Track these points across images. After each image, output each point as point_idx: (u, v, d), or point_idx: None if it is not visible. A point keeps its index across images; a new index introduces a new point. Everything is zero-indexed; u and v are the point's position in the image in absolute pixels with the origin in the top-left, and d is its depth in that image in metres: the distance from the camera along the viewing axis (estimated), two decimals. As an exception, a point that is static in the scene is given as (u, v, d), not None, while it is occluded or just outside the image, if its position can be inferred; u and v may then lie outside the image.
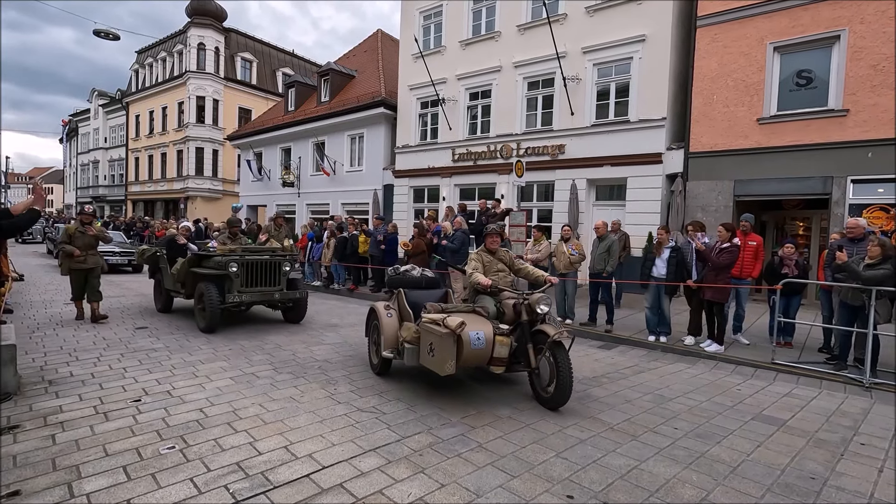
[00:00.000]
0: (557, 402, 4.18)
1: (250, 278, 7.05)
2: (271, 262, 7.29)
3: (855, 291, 5.36)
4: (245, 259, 7.02)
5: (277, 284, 7.33)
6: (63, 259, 7.18)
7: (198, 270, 7.14)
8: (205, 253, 7.38)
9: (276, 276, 7.30)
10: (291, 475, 3.01)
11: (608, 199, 12.74)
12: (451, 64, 15.22)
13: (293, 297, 7.48)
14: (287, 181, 20.84)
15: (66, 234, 7.24)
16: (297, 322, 7.79)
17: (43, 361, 5.29)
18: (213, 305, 6.63)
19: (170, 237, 8.95)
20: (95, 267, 7.38)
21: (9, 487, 2.76)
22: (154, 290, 8.80)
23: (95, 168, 38.98)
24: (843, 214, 9.42)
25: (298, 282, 7.78)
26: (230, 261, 6.86)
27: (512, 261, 5.09)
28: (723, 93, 10.78)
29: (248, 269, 7.03)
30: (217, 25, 29.38)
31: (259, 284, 7.15)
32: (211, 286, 6.77)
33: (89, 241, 7.30)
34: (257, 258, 7.16)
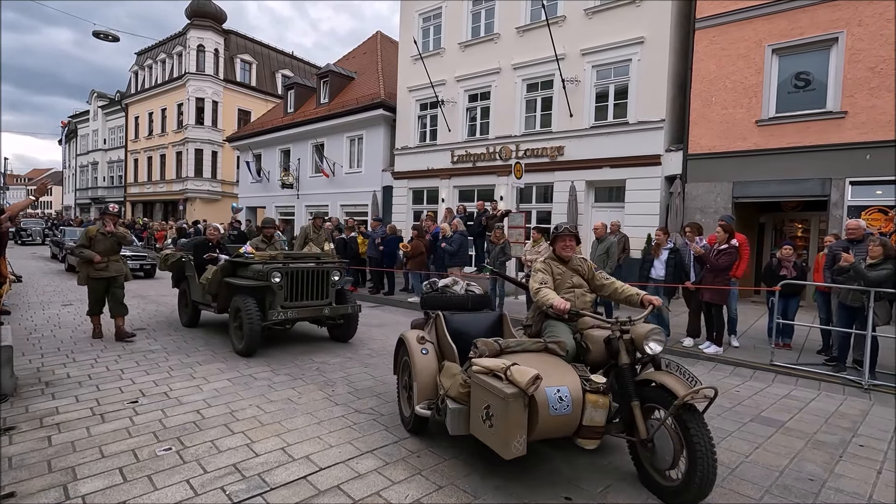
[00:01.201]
0: (692, 499, 2.68)
1: (295, 290, 5.96)
2: (318, 270, 6.19)
3: (855, 293, 5.36)
4: (289, 268, 5.92)
5: (326, 297, 6.22)
6: (81, 266, 6.26)
7: (233, 281, 6.00)
8: (241, 260, 6.31)
9: (324, 287, 6.20)
10: (288, 477, 3.00)
11: (607, 200, 12.75)
12: (451, 66, 15.23)
13: (344, 312, 6.31)
14: (286, 183, 20.83)
15: (86, 236, 6.28)
16: (345, 341, 6.68)
17: (40, 363, 5.27)
18: (252, 324, 5.49)
19: (198, 241, 7.76)
20: (118, 275, 6.37)
21: (4, 489, 2.74)
22: (179, 301, 7.75)
23: (94, 169, 38.95)
24: (841, 216, 9.43)
25: (348, 293, 6.65)
26: (272, 270, 5.74)
27: (592, 273, 3.75)
28: (721, 95, 10.80)
29: (291, 279, 5.92)
30: (216, 27, 29.41)
31: (305, 297, 6.04)
32: (249, 300, 5.65)
33: (111, 245, 6.33)
34: (302, 266, 6.07)
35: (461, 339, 3.57)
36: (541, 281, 3.52)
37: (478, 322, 3.84)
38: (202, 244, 7.28)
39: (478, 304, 4.17)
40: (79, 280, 6.30)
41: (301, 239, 9.46)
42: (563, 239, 3.69)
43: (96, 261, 6.15)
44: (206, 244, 7.23)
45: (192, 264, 7.11)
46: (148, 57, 33.57)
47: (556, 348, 3.06)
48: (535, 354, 3.02)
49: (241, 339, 5.75)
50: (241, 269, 6.25)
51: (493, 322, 3.91)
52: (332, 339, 6.80)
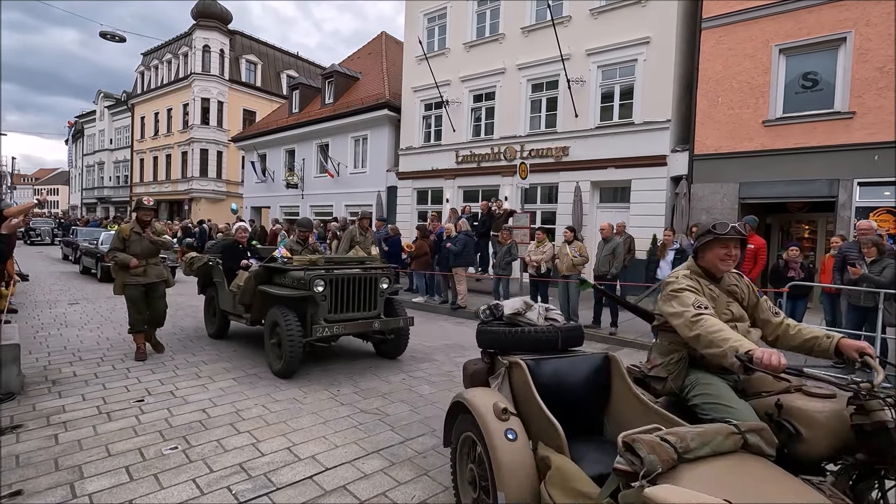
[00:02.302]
0: None
1: (340, 301, 5.19)
2: (366, 277, 5.38)
3: (867, 293, 5.37)
4: (333, 275, 5.16)
5: (374, 307, 5.42)
6: (117, 272, 5.36)
7: (269, 290, 5.23)
8: (278, 266, 5.51)
9: (372, 296, 5.42)
10: (294, 476, 3.00)
11: (612, 201, 12.70)
12: (455, 66, 15.22)
13: (395, 325, 5.50)
14: (291, 183, 20.87)
15: (119, 237, 5.36)
16: (393, 357, 5.87)
17: (46, 361, 5.30)
18: (293, 341, 4.75)
19: (227, 242, 6.98)
20: (159, 281, 5.51)
21: (11, 487, 2.75)
22: (205, 310, 6.99)
23: (101, 169, 39.18)
24: (849, 217, 9.36)
25: (398, 303, 5.88)
26: (315, 277, 4.98)
27: (756, 298, 2.45)
28: (728, 95, 10.74)
29: (335, 287, 5.15)
30: (222, 28, 29.51)
31: (351, 309, 5.26)
32: (289, 313, 4.93)
33: (149, 247, 5.45)
34: (348, 273, 5.28)
35: (557, 401, 2.29)
36: (698, 304, 2.15)
37: (576, 371, 2.54)
38: (232, 246, 6.51)
39: (570, 340, 2.81)
40: (115, 289, 5.39)
41: (346, 242, 8.36)
42: (723, 245, 2.29)
43: (132, 265, 5.24)
44: (236, 246, 6.47)
45: (221, 269, 6.36)
46: (154, 57, 33.74)
47: (760, 444, 1.63)
48: (732, 460, 1.54)
49: (279, 358, 4.96)
50: (278, 276, 5.45)
51: (598, 370, 2.55)
52: (379, 356, 5.99)
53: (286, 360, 4.83)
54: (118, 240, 5.37)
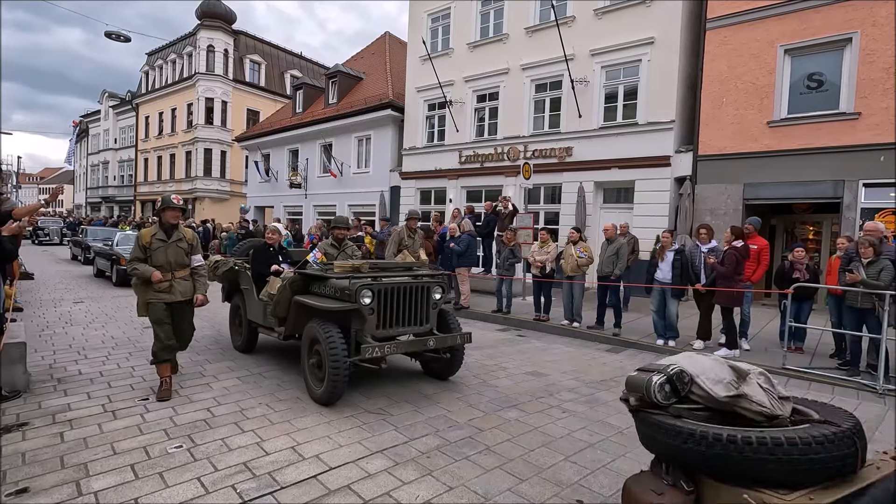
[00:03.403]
0: None
1: (389, 314, 4.42)
2: (417, 287, 4.61)
3: (865, 294, 5.35)
4: (382, 284, 4.38)
5: (426, 321, 4.69)
6: (138, 288, 4.35)
7: (308, 302, 4.44)
8: (316, 273, 4.73)
9: (424, 308, 4.67)
10: (299, 476, 3.00)
11: (616, 201, 12.68)
12: (459, 66, 15.22)
13: (453, 343, 4.72)
14: (294, 182, 20.91)
15: (139, 245, 4.30)
16: (445, 378, 5.10)
17: (52, 360, 5.33)
18: (338, 361, 3.97)
19: (255, 244, 6.24)
20: (186, 299, 4.45)
21: (17, 485, 2.77)
22: (231, 319, 6.30)
23: (105, 169, 39.37)
24: (854, 219, 9.31)
25: (451, 315, 5.09)
26: (362, 287, 4.21)
27: None
28: (732, 95, 10.71)
29: (383, 299, 4.37)
30: (226, 28, 29.60)
31: (401, 323, 4.52)
32: (331, 328, 4.15)
33: (177, 254, 4.38)
34: (397, 282, 4.51)
35: None
36: None
37: None
38: (262, 250, 5.72)
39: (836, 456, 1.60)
40: (138, 309, 4.38)
41: (394, 245, 7.30)
42: None
43: (156, 279, 4.21)
44: (267, 249, 5.72)
45: (250, 275, 5.65)
46: (158, 57, 33.86)
47: None
48: None
49: (319, 381, 4.24)
50: (317, 285, 4.68)
51: None
52: (428, 375, 5.22)
53: (329, 383, 4.02)
54: (138, 248, 4.30)
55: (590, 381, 5.32)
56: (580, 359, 6.25)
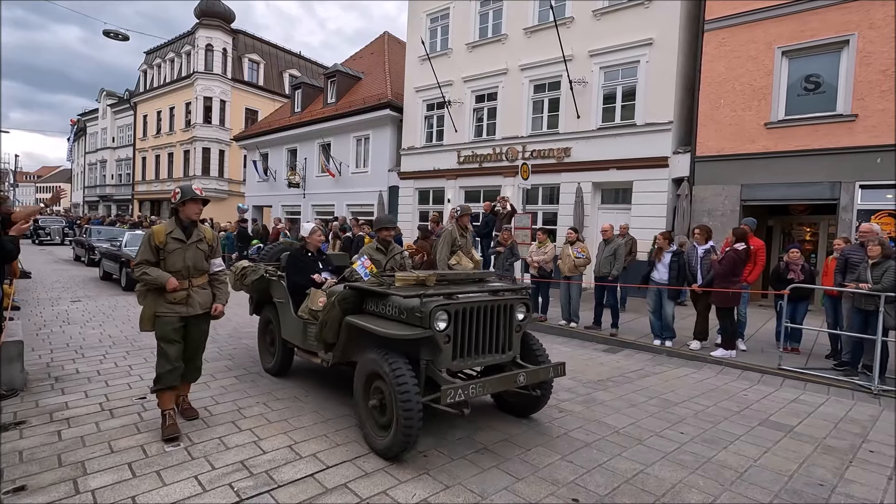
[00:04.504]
0: None
1: (467, 341, 3.49)
2: (499, 306, 3.65)
3: (868, 296, 5.35)
4: (461, 304, 3.42)
5: (509, 348, 3.74)
6: (144, 297, 3.59)
7: (364, 326, 3.54)
8: (373, 288, 3.73)
9: (507, 332, 3.72)
10: (296, 474, 3.01)
11: (614, 202, 12.71)
12: (458, 66, 15.24)
13: (545, 377, 3.74)
14: (293, 182, 20.91)
15: (149, 244, 3.54)
16: (527, 416, 4.15)
17: (49, 358, 5.32)
18: (410, 407, 3.07)
19: (290, 248, 5.36)
20: (204, 313, 3.73)
21: (14, 483, 2.77)
22: (260, 335, 5.32)
23: (103, 167, 39.29)
24: (850, 220, 9.35)
25: (534, 339, 4.15)
26: (438, 308, 3.29)
27: None
28: (730, 97, 10.74)
29: (459, 322, 3.42)
30: (225, 27, 29.57)
31: (480, 351, 3.58)
32: (398, 360, 3.25)
33: (197, 261, 3.67)
34: (476, 300, 3.54)
35: None
36: None
37: None
38: (299, 256, 4.83)
39: None
40: (141, 322, 3.60)
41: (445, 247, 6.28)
42: None
43: (171, 287, 3.49)
44: (305, 255, 4.85)
45: (284, 286, 4.76)
46: (157, 56, 33.81)
47: None
48: None
49: (383, 430, 3.32)
50: (374, 303, 3.75)
51: None
52: (504, 411, 4.26)
53: (400, 432, 3.08)
54: (149, 249, 3.52)
55: (587, 381, 5.34)
56: (577, 359, 6.26)
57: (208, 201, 3.87)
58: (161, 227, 3.62)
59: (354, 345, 3.84)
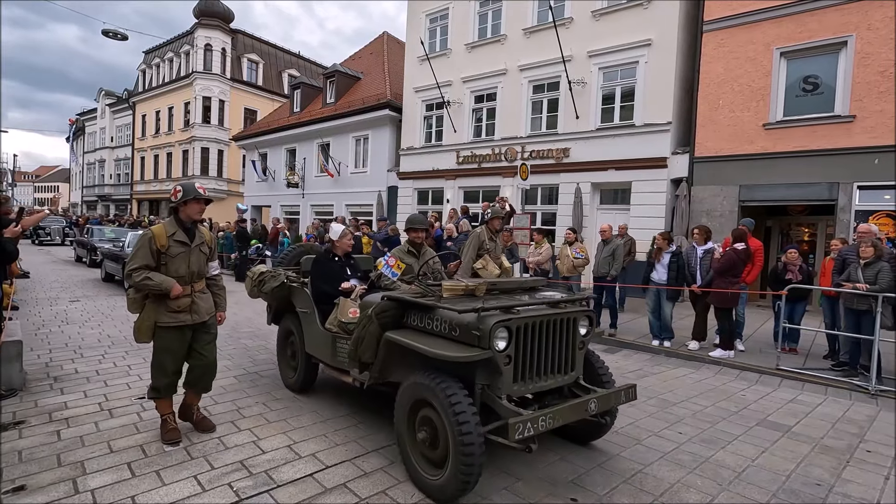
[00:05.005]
0: None
1: (529, 361, 2.99)
2: (563, 320, 3.16)
3: (861, 296, 5.38)
4: (522, 319, 2.92)
5: (571, 368, 3.26)
6: (144, 306, 3.34)
7: (406, 342, 3.04)
8: (418, 300, 3.20)
9: (571, 351, 3.24)
10: (295, 474, 3.02)
11: (613, 202, 12.73)
12: (457, 67, 15.25)
13: (617, 403, 3.26)
14: (292, 182, 20.91)
15: (152, 247, 3.26)
16: (586, 443, 3.65)
17: (48, 358, 5.32)
18: (472, 442, 2.62)
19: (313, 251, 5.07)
20: (208, 319, 3.52)
21: (14, 482, 2.77)
22: (279, 349, 4.88)
23: (101, 167, 39.25)
24: (849, 221, 9.38)
25: (596, 357, 3.64)
26: (498, 324, 2.79)
27: None
28: (729, 98, 10.77)
29: (521, 339, 2.92)
30: (224, 27, 29.56)
31: (546, 373, 3.10)
32: (452, 385, 2.77)
33: (200, 265, 3.48)
34: (537, 314, 3.02)
35: None
36: None
37: None
38: (325, 261, 4.39)
39: None
40: (137, 332, 3.34)
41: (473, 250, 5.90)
42: None
43: (175, 294, 3.28)
44: (332, 260, 4.42)
45: (308, 293, 4.31)
46: (156, 55, 33.79)
47: None
48: None
49: (436, 468, 2.87)
50: (419, 316, 3.21)
51: None
52: (560, 437, 3.70)
53: (459, 470, 2.63)
54: (148, 252, 3.23)
55: (585, 381, 5.34)
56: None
57: (211, 201, 3.63)
58: (161, 229, 3.32)
59: (395, 364, 3.33)
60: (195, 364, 3.49)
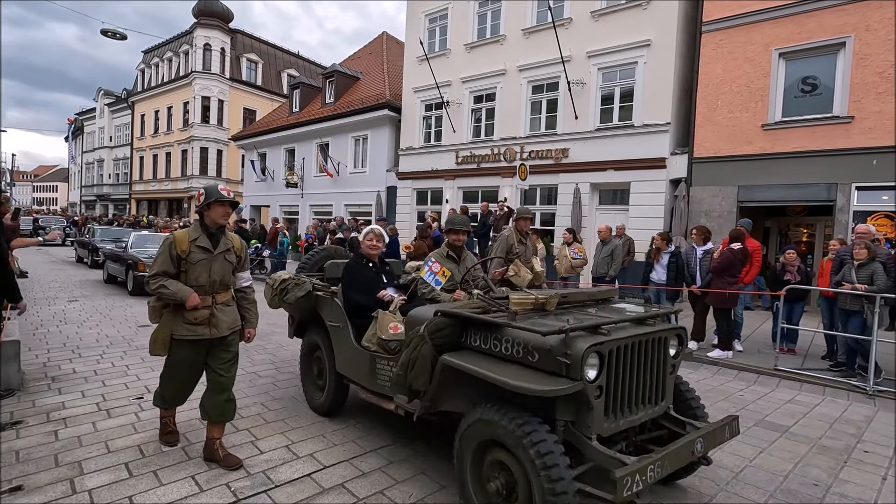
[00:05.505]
0: None
1: (620, 391, 2.48)
2: (654, 340, 2.68)
3: (854, 297, 5.41)
4: (611, 341, 2.39)
5: (662, 396, 2.78)
6: (162, 315, 3.09)
7: (475, 370, 2.46)
8: (484, 318, 2.62)
9: (661, 376, 2.76)
10: (293, 474, 3.01)
11: (611, 203, 12.74)
12: (456, 67, 15.26)
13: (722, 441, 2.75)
14: (291, 182, 20.91)
15: (171, 252, 3.01)
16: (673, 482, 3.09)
17: (46, 358, 5.31)
18: (561, 485, 2.11)
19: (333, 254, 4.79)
20: (230, 334, 3.21)
21: (11, 482, 2.77)
22: (303, 367, 4.30)
23: (100, 167, 39.22)
24: (847, 221, 9.40)
25: (685, 384, 3.11)
26: (590, 349, 2.26)
27: None
28: (727, 98, 10.78)
29: (612, 365, 2.41)
30: (223, 26, 29.56)
31: (638, 403, 2.62)
32: (537, 427, 2.24)
33: (224, 274, 3.16)
34: (630, 334, 2.52)
35: None
36: None
37: None
38: (358, 267, 3.84)
39: None
40: (153, 345, 3.09)
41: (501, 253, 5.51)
42: None
43: (191, 305, 2.99)
44: (365, 265, 3.86)
45: (340, 304, 3.74)
46: (155, 55, 33.77)
47: None
48: None
49: None
50: (481, 335, 2.66)
51: None
52: None
53: None
54: (168, 258, 3.00)
55: (584, 381, 5.34)
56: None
57: (237, 204, 3.28)
58: (184, 234, 3.08)
59: (450, 392, 2.80)
60: (209, 384, 3.15)
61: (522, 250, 5.52)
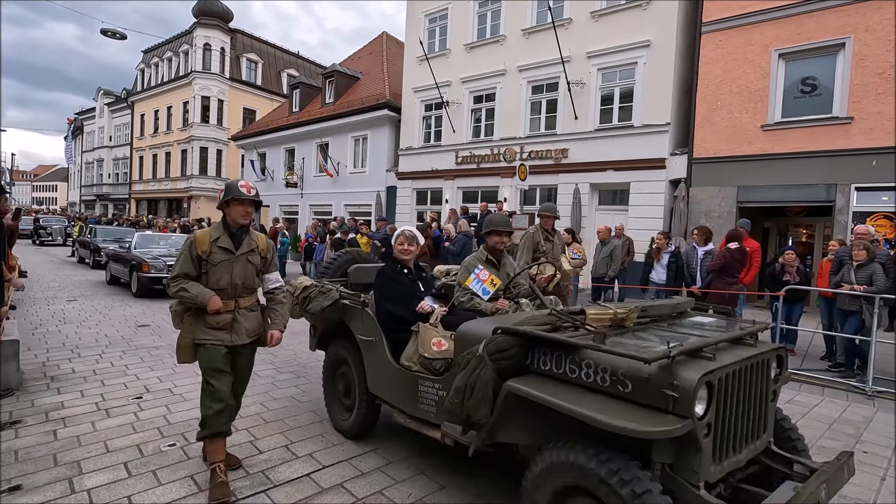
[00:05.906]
0: None
1: (727, 427, 2.02)
2: (758, 364, 2.22)
3: (852, 297, 5.42)
4: (721, 367, 1.94)
5: (764, 428, 2.33)
6: (184, 319, 2.90)
7: (554, 402, 1.98)
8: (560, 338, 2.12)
9: (765, 406, 2.31)
10: (292, 474, 3.01)
11: (611, 203, 12.75)
12: (456, 67, 15.26)
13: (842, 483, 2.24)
14: (290, 182, 20.91)
15: (192, 253, 2.83)
16: None
17: (45, 358, 5.30)
18: None
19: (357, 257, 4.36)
20: (252, 341, 3.03)
21: (10, 482, 2.77)
22: (326, 381, 3.83)
23: (100, 166, 39.23)
24: (846, 222, 9.40)
25: (779, 410, 2.63)
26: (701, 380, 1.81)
27: None
28: (727, 99, 10.79)
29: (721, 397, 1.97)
30: (223, 26, 29.55)
31: (744, 440, 2.17)
32: (637, 475, 1.81)
33: (247, 277, 2.95)
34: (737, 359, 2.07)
35: None
36: None
37: None
38: (392, 274, 3.43)
39: None
40: (178, 350, 2.90)
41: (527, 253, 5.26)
42: None
43: (212, 308, 2.81)
44: (399, 273, 3.45)
45: (373, 316, 3.31)
46: (154, 55, 33.76)
47: None
48: None
49: None
50: (554, 358, 2.20)
51: None
52: None
53: None
54: (189, 259, 2.83)
55: (583, 381, 5.34)
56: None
57: (260, 202, 3.02)
58: (205, 234, 2.88)
59: (514, 423, 2.34)
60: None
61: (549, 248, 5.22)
